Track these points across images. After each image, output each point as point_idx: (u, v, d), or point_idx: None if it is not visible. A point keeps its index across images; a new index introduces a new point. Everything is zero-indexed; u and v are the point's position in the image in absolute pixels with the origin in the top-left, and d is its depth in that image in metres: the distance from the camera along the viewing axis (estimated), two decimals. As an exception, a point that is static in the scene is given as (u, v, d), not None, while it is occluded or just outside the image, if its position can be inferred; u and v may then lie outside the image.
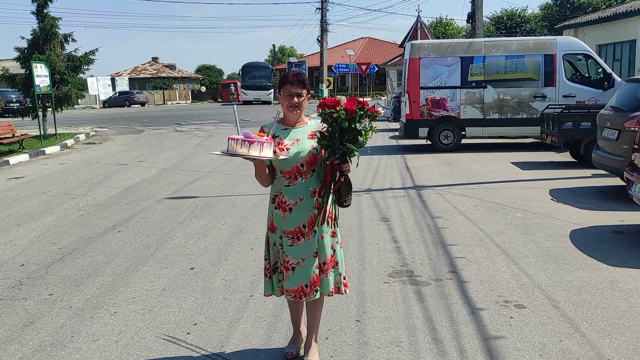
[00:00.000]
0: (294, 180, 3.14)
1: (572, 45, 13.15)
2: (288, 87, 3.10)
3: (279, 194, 3.19)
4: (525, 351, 3.41)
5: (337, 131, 2.93)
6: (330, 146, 2.98)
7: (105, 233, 6.59)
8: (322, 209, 3.13)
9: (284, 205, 3.16)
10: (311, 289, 3.17)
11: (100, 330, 3.93)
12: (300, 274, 3.16)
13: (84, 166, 12.59)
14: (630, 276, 4.61)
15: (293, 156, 3.10)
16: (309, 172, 3.15)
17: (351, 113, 2.91)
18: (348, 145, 2.94)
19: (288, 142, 3.13)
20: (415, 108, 13.23)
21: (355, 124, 2.94)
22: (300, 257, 3.16)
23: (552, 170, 10.03)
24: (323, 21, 44.00)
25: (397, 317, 3.97)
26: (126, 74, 63.18)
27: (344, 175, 3.11)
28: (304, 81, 3.13)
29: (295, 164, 3.12)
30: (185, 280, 4.86)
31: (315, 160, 3.15)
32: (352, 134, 2.95)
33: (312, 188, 3.15)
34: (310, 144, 3.14)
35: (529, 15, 53.20)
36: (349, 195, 3.20)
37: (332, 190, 3.13)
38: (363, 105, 2.97)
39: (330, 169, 3.08)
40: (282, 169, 3.15)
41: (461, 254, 5.32)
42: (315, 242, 3.18)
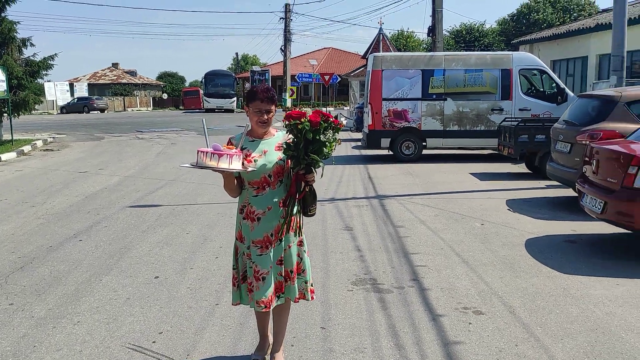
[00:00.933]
0: (262, 191, 3.21)
1: (528, 61, 13.65)
2: (257, 104, 3.16)
3: (247, 204, 3.25)
4: (482, 355, 3.56)
5: (302, 142, 3.01)
6: (296, 157, 3.06)
7: (66, 242, 6.50)
8: (287, 218, 3.20)
9: (252, 215, 3.22)
10: (274, 295, 3.25)
11: (64, 340, 3.90)
12: (269, 283, 3.22)
13: (42, 173, 12.32)
14: (582, 283, 4.83)
15: (261, 167, 3.17)
16: (276, 183, 3.23)
17: (316, 125, 2.99)
18: (312, 156, 3.02)
19: (256, 154, 3.20)
20: (377, 119, 13.47)
21: (319, 135, 3.02)
22: (269, 266, 3.22)
23: (509, 181, 10.36)
24: (287, 31, 44.22)
25: (360, 324, 4.07)
26: (85, 79, 62.00)
27: (309, 185, 3.19)
28: (273, 97, 3.19)
29: (263, 175, 3.19)
30: (150, 289, 4.86)
31: (283, 171, 3.23)
32: (316, 145, 3.02)
33: (280, 198, 3.22)
34: (278, 156, 3.21)
35: (487, 30, 54.68)
36: (314, 204, 3.27)
37: (297, 199, 3.20)
38: (327, 118, 3.04)
39: (296, 179, 3.15)
40: (250, 179, 3.21)
41: (422, 263, 5.48)
42: (282, 249, 3.26)
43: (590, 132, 7.23)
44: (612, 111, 7.27)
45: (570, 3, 48.69)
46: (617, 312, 4.21)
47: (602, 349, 3.62)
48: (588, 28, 18.31)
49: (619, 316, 4.13)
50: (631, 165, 5.10)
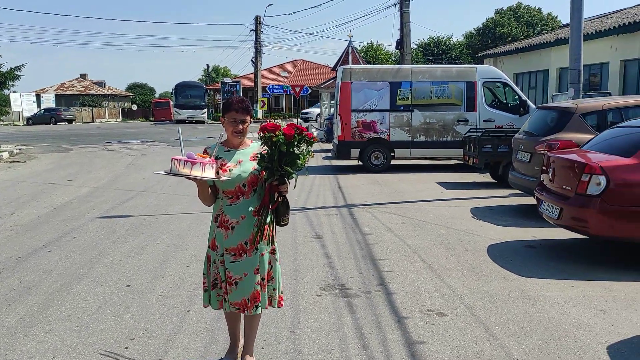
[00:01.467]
0: (236, 200, 3.29)
1: (492, 74, 14.09)
2: (232, 114, 3.25)
3: (221, 213, 3.32)
4: (444, 354, 3.74)
5: (276, 154, 3.11)
6: (270, 168, 3.15)
7: (35, 252, 6.50)
8: (260, 227, 3.28)
9: (226, 223, 3.29)
10: (252, 304, 3.32)
11: (35, 347, 3.95)
12: (242, 288, 3.30)
13: (8, 185, 12.18)
14: (539, 285, 5.08)
15: (236, 177, 3.25)
16: (250, 192, 3.31)
17: (290, 138, 3.09)
18: (286, 168, 3.12)
19: (231, 163, 3.28)
20: (347, 130, 13.70)
21: (293, 148, 3.13)
22: (243, 272, 3.30)
23: (474, 190, 10.67)
24: (257, 43, 44.49)
25: (329, 327, 4.21)
26: (52, 90, 61.04)
27: (282, 196, 3.29)
28: (248, 108, 3.29)
29: (237, 184, 3.27)
30: (122, 298, 4.92)
31: (257, 180, 3.31)
32: (290, 158, 3.13)
33: (254, 207, 3.30)
34: (252, 166, 3.29)
35: (454, 44, 55.79)
36: (287, 214, 3.36)
37: (270, 209, 3.29)
38: (301, 131, 3.15)
39: (269, 189, 3.24)
40: (225, 189, 3.29)
41: (389, 268, 5.66)
42: (257, 258, 3.33)
43: (548, 142, 7.56)
44: (569, 122, 7.62)
45: (534, 18, 50.11)
46: (571, 311, 4.45)
47: (556, 345, 3.84)
48: (549, 42, 18.97)
49: (572, 315, 4.37)
50: (584, 173, 5.39)
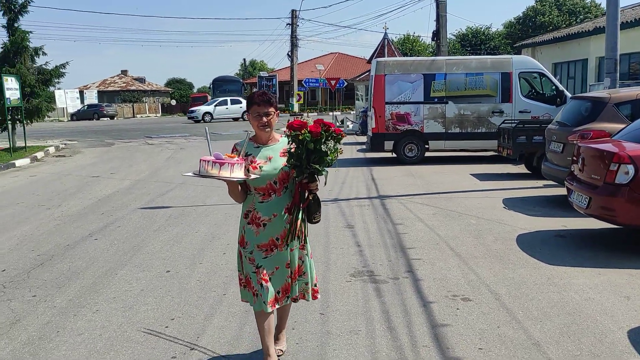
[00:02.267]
0: (268, 197, 3.25)
1: (527, 64, 13.95)
2: (255, 108, 3.22)
3: (252, 209, 3.28)
4: (467, 336, 3.88)
5: (304, 152, 3.07)
6: (298, 166, 3.12)
7: (82, 241, 6.89)
8: (291, 226, 3.27)
9: (258, 220, 3.27)
10: (283, 295, 3.38)
11: (84, 325, 4.27)
12: (275, 282, 3.32)
13: (55, 178, 12.76)
14: (565, 273, 5.15)
15: (266, 174, 3.21)
16: (282, 189, 3.26)
17: (316, 135, 3.05)
18: (314, 166, 3.08)
19: (261, 160, 3.24)
20: (380, 122, 13.80)
21: (320, 145, 3.08)
22: (274, 267, 3.32)
23: (508, 181, 10.66)
24: (293, 36, 44.77)
25: (357, 310, 4.41)
26: (95, 86, 62.78)
27: (313, 194, 3.26)
28: (270, 99, 3.23)
29: (268, 182, 3.23)
30: (162, 282, 5.22)
31: (288, 177, 3.26)
32: (318, 155, 3.09)
33: (286, 204, 3.27)
34: (283, 162, 3.24)
35: (493, 33, 54.87)
36: (318, 212, 3.33)
37: (301, 208, 3.28)
38: (328, 128, 3.09)
39: (299, 187, 3.21)
40: (256, 186, 3.25)
41: (418, 256, 5.81)
42: (288, 253, 3.34)
43: (581, 132, 7.54)
44: (602, 112, 7.58)
45: (576, 6, 48.80)
46: (595, 298, 4.53)
47: (577, 329, 3.94)
48: (587, 31, 18.59)
49: (596, 301, 4.45)
50: (612, 162, 5.41)
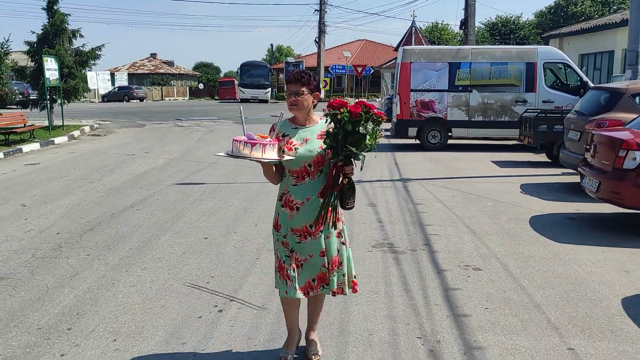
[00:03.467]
0: (302, 180, 3.16)
1: (552, 55, 14.15)
2: (288, 87, 3.16)
3: (286, 192, 3.21)
4: (475, 298, 4.34)
5: (341, 133, 2.96)
6: (334, 147, 3.00)
7: (125, 210, 7.48)
8: (322, 210, 3.14)
9: (291, 204, 3.18)
10: (318, 283, 3.25)
11: (135, 279, 4.83)
12: (307, 269, 3.22)
13: (93, 155, 13.45)
14: (572, 250, 5.55)
15: (301, 156, 3.12)
16: (316, 173, 3.16)
17: (355, 116, 2.93)
18: (350, 148, 2.96)
19: (297, 141, 3.15)
20: (405, 109, 14.18)
21: (359, 127, 2.94)
22: (308, 254, 3.21)
23: (527, 169, 10.99)
24: (321, 23, 44.94)
25: (377, 274, 4.89)
26: (125, 69, 63.85)
27: (347, 178, 3.13)
28: (302, 78, 3.13)
29: (303, 164, 3.13)
30: (201, 247, 5.77)
31: (324, 161, 3.15)
32: (355, 137, 2.96)
33: (320, 188, 3.16)
34: (319, 145, 3.14)
35: (523, 23, 54.32)
36: (352, 197, 3.20)
37: (334, 191, 3.14)
38: (369, 109, 2.96)
39: (334, 170, 3.09)
40: (291, 168, 3.17)
41: (435, 232, 6.26)
42: (323, 241, 3.21)
43: (597, 121, 7.86)
44: (619, 102, 7.89)
45: (610, -4, 48.03)
46: (597, 271, 4.94)
47: (575, 295, 4.37)
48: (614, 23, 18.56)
49: (597, 274, 4.86)
50: (621, 148, 5.77)
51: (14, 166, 11.76)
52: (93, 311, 4.16)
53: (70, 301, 4.37)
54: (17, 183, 9.68)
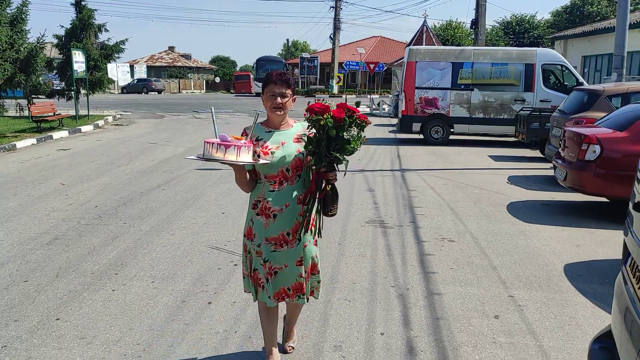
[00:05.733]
0: (280, 186, 3.01)
1: (550, 57, 14.96)
2: (271, 87, 2.97)
3: (262, 199, 3.03)
4: (444, 261, 5.27)
5: (324, 139, 2.84)
6: (317, 153, 2.88)
7: (152, 190, 8.49)
8: (305, 217, 3.03)
9: (268, 211, 3.02)
10: (294, 293, 3.16)
11: (166, 241, 5.83)
12: (282, 278, 3.11)
13: (118, 143, 14.52)
14: (537, 228, 6.46)
15: (278, 160, 2.97)
16: (294, 178, 3.03)
17: (339, 121, 2.81)
18: (335, 155, 2.86)
19: (272, 145, 3.00)
20: (410, 105, 15.08)
21: (343, 132, 2.85)
22: (283, 264, 3.08)
23: (520, 163, 11.85)
24: (336, 19, 45.79)
25: (366, 243, 5.84)
26: (143, 61, 65.19)
27: (331, 184, 3.02)
28: (288, 80, 2.99)
29: (280, 169, 2.99)
30: (220, 220, 6.76)
31: (302, 165, 3.03)
32: (339, 143, 2.86)
33: (299, 194, 3.04)
34: (297, 148, 3.01)
35: (538, 22, 54.70)
36: (335, 204, 3.09)
37: (317, 198, 3.04)
38: (352, 113, 2.85)
39: (316, 176, 2.97)
40: (267, 173, 3.01)
41: (422, 213, 7.19)
42: (301, 249, 3.10)
43: (576, 119, 8.71)
44: (596, 102, 8.74)
45: (625, -4, 48.18)
46: (552, 244, 5.84)
47: (527, 261, 5.29)
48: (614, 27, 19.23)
49: (551, 247, 5.77)
50: (584, 142, 6.64)
51: (47, 151, 12.86)
52: (133, 263, 5.17)
53: (114, 256, 5.38)
54: (53, 165, 10.75)
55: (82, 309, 4.15)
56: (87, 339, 3.69)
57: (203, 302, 4.29)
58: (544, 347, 3.61)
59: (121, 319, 3.99)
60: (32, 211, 7.10)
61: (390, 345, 3.62)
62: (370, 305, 4.24)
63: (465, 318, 4.03)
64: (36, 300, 4.33)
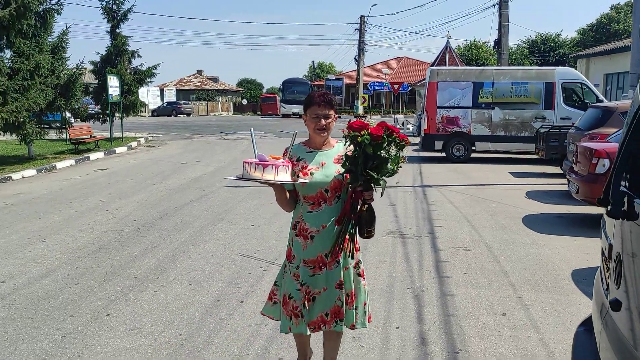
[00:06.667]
0: (317, 207, 2.99)
1: (570, 75, 15.25)
2: (315, 109, 2.96)
3: (300, 220, 3.02)
4: (457, 267, 5.64)
5: (361, 157, 2.78)
6: (354, 172, 2.82)
7: (185, 205, 9.04)
8: (338, 238, 2.95)
9: (306, 232, 3.00)
10: (332, 318, 3.05)
11: (200, 250, 6.33)
12: (320, 303, 3.04)
13: (151, 163, 15.21)
14: (549, 238, 6.78)
15: (317, 181, 2.95)
16: (333, 199, 2.98)
17: (377, 139, 2.76)
18: (370, 173, 2.79)
19: (313, 166, 2.99)
20: (432, 124, 15.49)
21: (381, 151, 2.79)
22: (322, 287, 3.02)
23: (539, 179, 12.12)
24: (361, 41, 46.56)
25: (385, 251, 6.24)
26: (172, 85, 66.88)
27: (367, 204, 2.93)
28: (331, 101, 2.98)
29: (319, 190, 2.97)
30: (249, 231, 7.24)
31: (341, 186, 2.97)
32: (376, 161, 2.80)
33: (337, 216, 2.98)
34: (336, 169, 2.97)
35: (563, 40, 54.74)
36: (372, 226, 2.97)
37: (352, 219, 2.94)
38: (392, 132, 2.80)
39: (352, 196, 2.90)
40: (306, 194, 3.00)
41: (440, 225, 7.56)
42: (340, 272, 3.02)
43: (590, 135, 9.02)
44: (610, 119, 9.04)
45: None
46: (563, 252, 6.16)
47: (538, 267, 5.62)
48: (638, 44, 19.46)
49: (561, 254, 6.09)
50: (594, 157, 6.97)
51: (85, 171, 13.60)
52: (172, 268, 5.67)
53: (154, 263, 5.89)
54: (92, 184, 11.42)
55: (128, 307, 4.65)
56: (135, 330, 4.17)
57: (236, 301, 4.74)
58: (544, 339, 3.97)
59: (164, 314, 4.47)
60: (77, 224, 7.69)
61: (404, 337, 4.02)
62: (388, 304, 4.64)
63: (474, 315, 4.40)
64: (87, 299, 4.84)
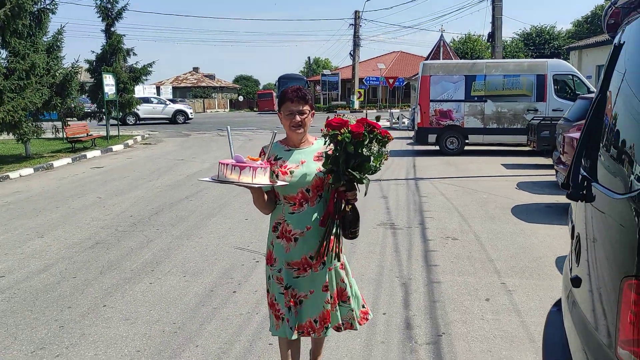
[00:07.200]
0: (300, 207, 2.87)
1: (561, 67, 15.38)
2: (288, 105, 2.85)
3: (282, 221, 2.90)
4: (445, 256, 5.79)
5: (342, 156, 2.69)
6: (335, 171, 2.73)
7: (181, 201, 9.18)
8: (323, 240, 2.86)
9: (289, 234, 2.88)
10: (321, 325, 2.97)
11: (195, 244, 6.47)
12: (308, 307, 2.94)
13: (148, 160, 15.33)
14: (537, 227, 6.93)
15: (298, 180, 2.83)
16: (315, 198, 2.87)
17: (358, 136, 2.66)
18: (354, 173, 2.70)
19: (292, 164, 2.87)
20: (425, 118, 15.62)
21: (362, 149, 2.69)
22: (309, 290, 2.93)
23: (531, 170, 12.27)
24: (356, 36, 46.66)
25: (375, 241, 6.39)
26: (169, 82, 66.87)
27: (350, 205, 2.85)
28: (305, 96, 2.85)
29: (300, 189, 2.85)
30: (243, 225, 7.38)
31: (323, 185, 2.87)
32: (358, 160, 2.70)
33: (320, 216, 2.87)
34: (317, 167, 2.86)
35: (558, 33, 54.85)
36: (356, 226, 2.91)
37: (336, 219, 2.86)
38: (373, 129, 2.70)
39: (335, 196, 2.81)
40: (286, 194, 2.87)
41: (430, 216, 7.71)
42: (325, 274, 2.94)
43: (578, 126, 9.15)
44: (597, 110, 9.15)
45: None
46: (548, 241, 6.32)
47: (523, 255, 5.78)
48: (631, 35, 19.55)
49: (547, 242, 6.24)
50: (580, 147, 7.10)
51: (82, 169, 13.72)
52: (167, 261, 5.81)
53: (150, 256, 6.03)
54: (89, 182, 11.55)
55: (124, 298, 4.79)
56: (131, 320, 4.32)
57: (229, 291, 4.89)
58: (525, 322, 4.13)
59: (159, 304, 4.62)
60: (74, 221, 7.83)
61: (390, 322, 4.17)
62: (376, 292, 4.79)
63: (459, 301, 4.56)
64: (85, 292, 4.99)
